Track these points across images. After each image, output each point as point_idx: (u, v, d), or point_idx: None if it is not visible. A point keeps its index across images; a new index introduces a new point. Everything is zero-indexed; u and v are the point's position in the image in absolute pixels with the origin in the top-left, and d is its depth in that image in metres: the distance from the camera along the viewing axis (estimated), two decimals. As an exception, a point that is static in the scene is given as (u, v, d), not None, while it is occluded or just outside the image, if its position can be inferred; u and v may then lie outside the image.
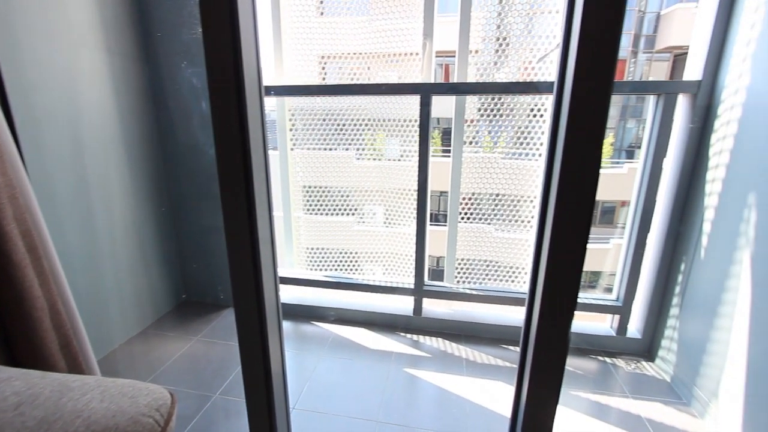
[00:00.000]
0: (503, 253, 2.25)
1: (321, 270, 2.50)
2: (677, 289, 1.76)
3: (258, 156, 0.84)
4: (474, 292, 2.12)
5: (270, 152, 0.92)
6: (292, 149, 2.35)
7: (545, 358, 0.79)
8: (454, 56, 1.98)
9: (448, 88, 1.86)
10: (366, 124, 2.22)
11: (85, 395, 0.79)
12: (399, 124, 2.15)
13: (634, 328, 1.98)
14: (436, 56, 2.08)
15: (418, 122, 1.93)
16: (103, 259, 1.90)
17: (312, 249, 2.53)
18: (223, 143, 0.79)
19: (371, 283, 2.24)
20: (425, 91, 1.81)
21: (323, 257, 2.50)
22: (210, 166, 2.18)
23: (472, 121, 2.15)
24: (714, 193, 1.55)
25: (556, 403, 0.83)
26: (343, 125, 2.23)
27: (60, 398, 0.77)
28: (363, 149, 2.27)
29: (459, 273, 2.31)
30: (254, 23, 0.79)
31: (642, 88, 1.74)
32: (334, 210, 2.40)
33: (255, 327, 0.92)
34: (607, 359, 1.95)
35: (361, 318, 2.27)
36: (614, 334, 1.98)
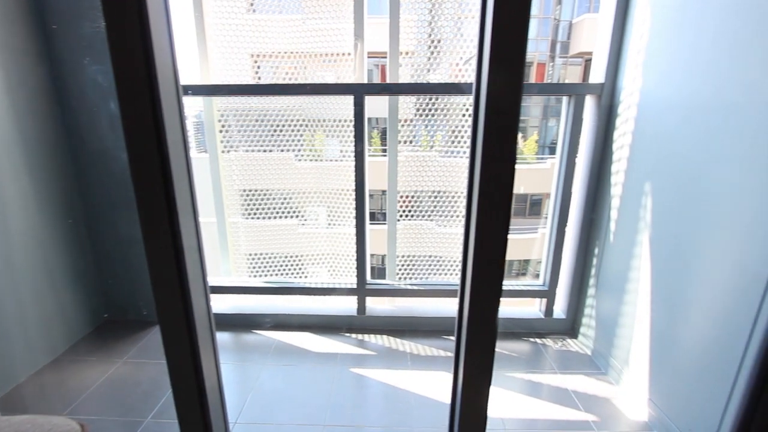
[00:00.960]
0: (445, 247, 2.33)
1: (265, 276, 2.41)
2: (593, 271, 1.95)
3: (178, 159, 0.79)
4: (416, 288, 2.18)
5: (201, 155, 0.87)
6: (224, 152, 2.24)
7: (476, 344, 0.84)
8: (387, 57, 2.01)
9: (381, 89, 1.89)
10: (304, 125, 2.18)
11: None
12: (337, 124, 2.14)
13: (560, 309, 2.17)
14: (372, 57, 2.10)
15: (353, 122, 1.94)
16: (-1, 281, 1.66)
17: (253, 255, 2.43)
18: (136, 146, 0.73)
19: (313, 285, 2.21)
20: (358, 92, 1.82)
21: (266, 262, 2.42)
22: (124, 171, 2.00)
23: (408, 120, 2.21)
24: (618, 183, 1.75)
25: (489, 385, 0.88)
26: (281, 126, 2.17)
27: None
28: (302, 150, 2.23)
29: (401, 270, 2.36)
30: (167, 16, 0.74)
31: (553, 89, 1.91)
32: (275, 213, 2.33)
33: (184, 342, 0.86)
34: (538, 340, 2.11)
35: (305, 322, 2.23)
36: (543, 317, 2.15)
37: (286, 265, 2.43)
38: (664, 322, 1.48)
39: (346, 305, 2.28)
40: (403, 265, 2.37)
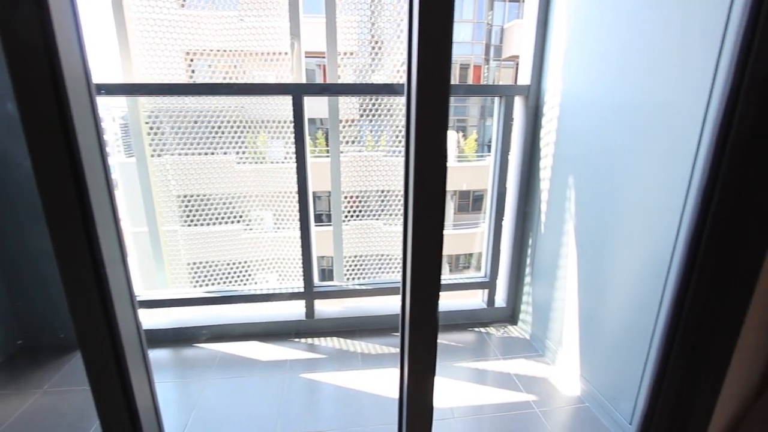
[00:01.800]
0: (393, 245, 2.36)
1: (209, 285, 2.28)
2: (528, 261, 2.09)
3: (93, 164, 0.73)
4: (364, 287, 2.19)
5: (129, 160, 0.80)
6: (155, 155, 2.09)
7: (420, 338, 0.86)
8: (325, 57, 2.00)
9: (320, 89, 1.87)
10: (245, 126, 2.09)
11: None
12: (281, 125, 2.08)
13: (501, 298, 2.29)
14: (313, 57, 2.08)
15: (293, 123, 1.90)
16: None
17: (195, 264, 2.30)
18: (39, 152, 0.66)
19: (259, 292, 2.14)
20: (296, 92, 1.79)
21: (209, 271, 2.29)
22: (29, 180, 1.79)
23: (353, 121, 2.21)
24: (546, 178, 1.89)
25: (433, 377, 0.91)
26: (220, 127, 2.07)
27: None
28: (244, 152, 2.15)
29: (350, 270, 2.36)
30: (72, 6, 0.68)
31: (484, 90, 2.02)
32: (218, 219, 2.22)
33: (109, 364, 0.80)
34: (482, 329, 2.22)
35: (251, 330, 2.15)
36: (485, 306, 2.26)
37: (232, 273, 2.32)
38: (590, 303, 1.62)
39: (294, 310, 2.23)
40: (351, 266, 2.37)
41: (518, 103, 1.98)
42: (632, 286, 1.40)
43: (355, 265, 2.38)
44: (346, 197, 2.25)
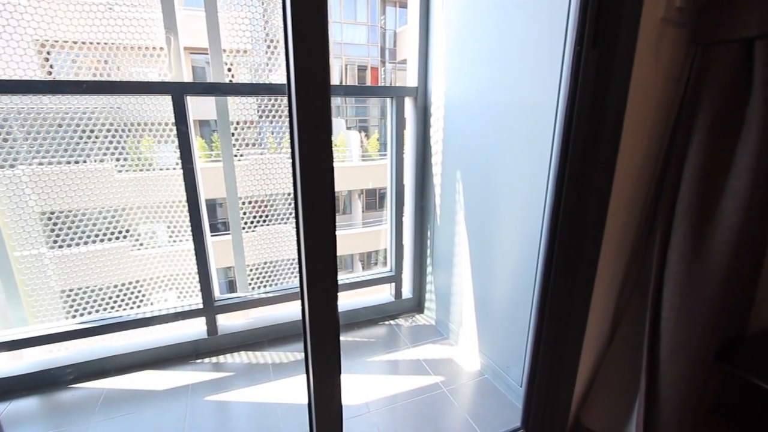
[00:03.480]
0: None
1: (93, 313, 1.96)
2: (429, 252, 2.23)
3: None
4: (270, 295, 2.10)
5: None
6: (5, 166, 1.72)
7: (322, 338, 0.87)
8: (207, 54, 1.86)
9: (203, 89, 1.74)
10: (124, 130, 1.84)
11: None
12: (168, 127, 1.87)
13: (407, 290, 2.40)
14: (202, 54, 1.91)
15: (175, 125, 1.74)
16: None
17: (73, 291, 1.94)
18: None
19: (149, 315, 1.91)
20: (176, 91, 1.64)
21: (92, 297, 1.96)
22: None
23: (252, 122, 2.10)
24: (438, 174, 2.03)
25: (339, 377, 0.92)
26: (92, 131, 1.78)
27: None
28: (125, 159, 1.89)
29: (259, 278, 2.25)
30: None
31: (375, 92, 2.09)
32: (98, 236, 1.91)
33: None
34: (392, 321, 2.30)
35: (142, 359, 1.91)
36: (393, 299, 2.35)
37: (121, 296, 2.03)
38: (482, 285, 1.79)
39: (194, 328, 2.05)
40: (260, 274, 2.26)
41: (408, 103, 2.09)
42: (514, 265, 1.59)
43: (265, 273, 2.28)
44: (250, 203, 2.14)
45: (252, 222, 2.18)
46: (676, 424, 1.21)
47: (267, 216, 2.21)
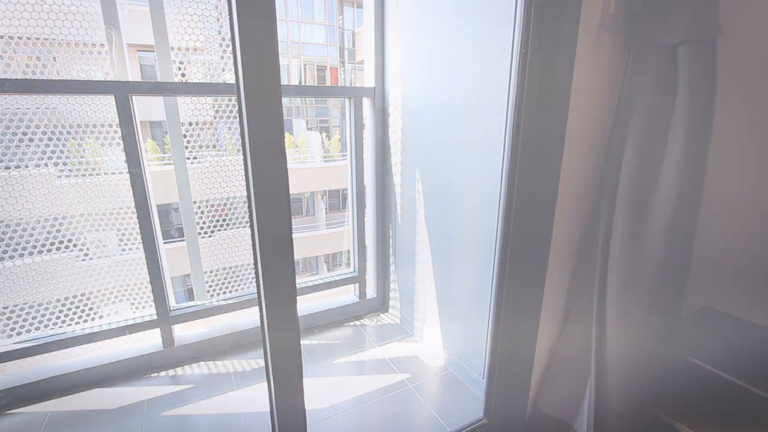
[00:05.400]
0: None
1: (32, 331, 1.80)
2: (391, 251, 2.25)
3: None
4: (230, 302, 2.04)
5: None
6: None
7: (282, 343, 0.85)
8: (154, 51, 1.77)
9: (149, 88, 1.65)
10: (64, 132, 1.70)
11: None
12: (113, 129, 1.76)
13: (371, 289, 2.41)
14: (150, 51, 1.81)
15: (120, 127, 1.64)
16: None
17: (7, 309, 1.77)
18: None
19: (97, 329, 1.79)
20: (119, 90, 1.54)
21: (30, 314, 1.80)
22: None
23: (208, 123, 2.02)
24: (397, 173, 2.05)
25: (301, 381, 0.91)
26: (26, 134, 1.64)
27: None
28: (65, 163, 1.75)
29: (219, 285, 2.16)
30: None
31: (333, 92, 2.08)
32: (36, 247, 1.75)
33: None
34: (357, 322, 2.30)
35: (89, 377, 1.79)
36: (358, 300, 2.35)
37: (65, 311, 1.88)
38: (443, 281, 1.83)
39: (148, 341, 1.94)
40: (221, 280, 2.18)
41: (367, 104, 2.10)
42: (473, 260, 1.63)
43: (226, 279, 2.20)
44: (210, 206, 2.06)
45: (211, 226, 2.10)
46: (624, 404, 1.29)
47: (226, 220, 2.13)
